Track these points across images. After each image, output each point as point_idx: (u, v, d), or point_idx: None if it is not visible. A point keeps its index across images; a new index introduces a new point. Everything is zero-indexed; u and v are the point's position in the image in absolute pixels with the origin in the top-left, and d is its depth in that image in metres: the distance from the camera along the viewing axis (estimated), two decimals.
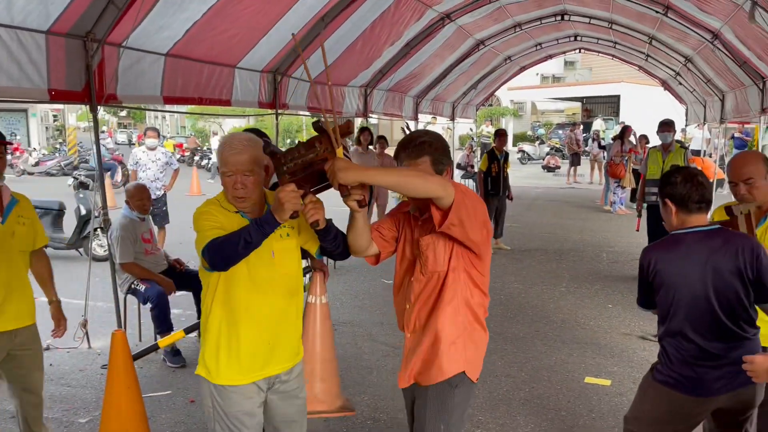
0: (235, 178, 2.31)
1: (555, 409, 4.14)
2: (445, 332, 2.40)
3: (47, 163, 22.52)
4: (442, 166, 2.39)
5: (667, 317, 2.62)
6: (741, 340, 2.53)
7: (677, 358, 2.58)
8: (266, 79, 6.68)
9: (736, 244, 2.52)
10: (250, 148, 2.33)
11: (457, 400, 2.40)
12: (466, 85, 13.82)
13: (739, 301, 2.51)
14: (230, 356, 2.39)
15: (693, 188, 2.55)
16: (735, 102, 9.70)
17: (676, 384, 2.57)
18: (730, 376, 2.50)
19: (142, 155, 8.42)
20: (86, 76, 4.24)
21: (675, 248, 2.61)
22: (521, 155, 26.57)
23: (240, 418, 2.41)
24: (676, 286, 2.58)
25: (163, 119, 50.42)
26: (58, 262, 8.43)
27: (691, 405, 2.57)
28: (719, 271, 2.51)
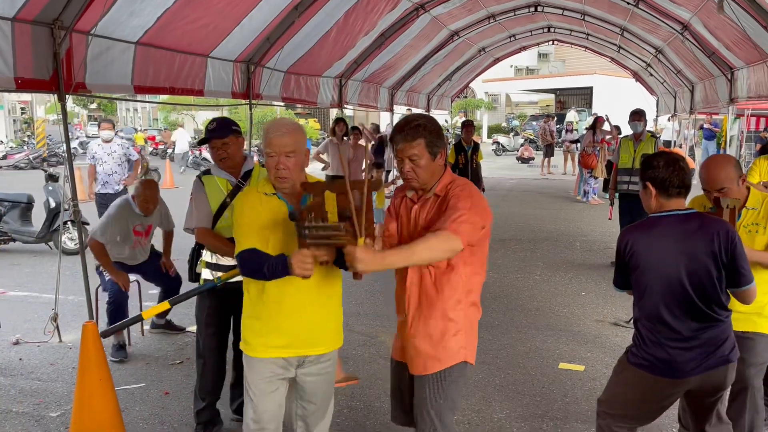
0: (277, 159, 2.43)
1: (530, 394, 4.19)
2: (446, 325, 2.49)
3: (15, 156, 22.07)
4: (437, 148, 2.44)
5: (642, 299, 2.67)
6: (713, 322, 2.58)
7: (651, 340, 2.63)
8: (239, 69, 6.61)
9: (711, 228, 2.56)
10: (294, 132, 2.46)
11: (455, 381, 2.52)
12: (440, 77, 13.85)
13: (711, 283, 2.55)
14: (262, 331, 2.54)
15: (674, 173, 2.59)
16: (704, 92, 9.87)
17: (649, 366, 2.62)
18: (702, 358, 2.56)
19: (98, 148, 7.96)
20: (54, 65, 4.14)
21: (651, 230, 2.65)
22: (496, 147, 26.75)
23: (261, 387, 2.57)
24: (651, 267, 2.62)
25: (135, 112, 49.68)
26: (27, 256, 8.32)
27: (664, 386, 2.63)
28: (694, 254, 2.55)
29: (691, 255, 2.56)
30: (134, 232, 5.08)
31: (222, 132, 3.37)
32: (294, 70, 7.70)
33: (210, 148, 3.43)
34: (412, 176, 2.46)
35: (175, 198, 4.69)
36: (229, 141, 3.36)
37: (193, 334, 5.23)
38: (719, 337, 2.59)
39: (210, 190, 3.39)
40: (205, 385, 3.56)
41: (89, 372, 3.24)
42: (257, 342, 2.57)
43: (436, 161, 2.46)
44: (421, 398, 2.53)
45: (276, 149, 2.43)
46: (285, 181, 2.46)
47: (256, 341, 2.57)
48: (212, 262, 3.42)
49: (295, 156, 2.45)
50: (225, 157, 3.38)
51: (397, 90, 12.03)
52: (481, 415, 3.90)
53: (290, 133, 2.45)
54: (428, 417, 2.51)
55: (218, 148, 3.37)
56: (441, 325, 2.49)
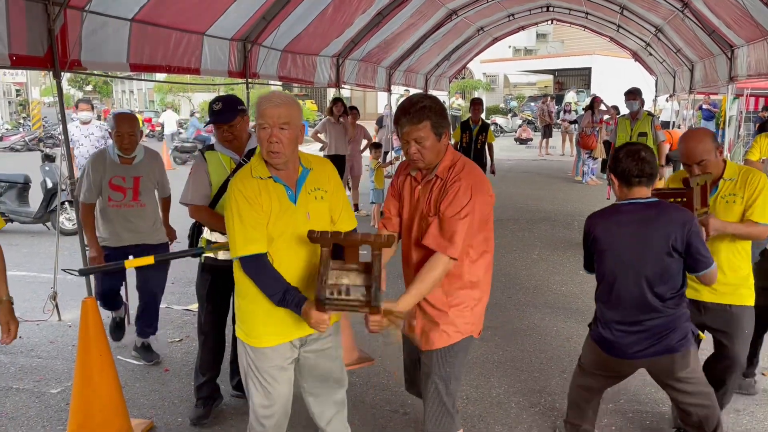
0: (270, 131, 2.31)
1: (528, 370, 4.22)
2: (453, 301, 2.53)
3: (11, 138, 21.98)
4: (441, 129, 2.44)
5: (600, 282, 2.86)
6: (659, 313, 2.70)
7: (602, 321, 2.85)
8: (236, 47, 6.55)
9: (669, 216, 2.67)
10: (288, 104, 2.35)
11: (461, 352, 2.58)
12: (438, 57, 13.76)
13: (664, 272, 2.67)
14: (264, 318, 2.45)
15: (633, 163, 2.69)
16: (704, 71, 9.82)
17: (599, 343, 2.86)
18: (646, 345, 2.71)
19: (75, 130, 7.76)
20: (48, 41, 4.10)
21: (612, 217, 2.79)
22: (494, 128, 26.65)
23: (271, 373, 2.51)
24: (609, 252, 2.77)
25: (131, 93, 49.36)
26: (24, 236, 8.31)
27: (612, 363, 2.86)
28: (650, 243, 2.66)
29: (647, 243, 2.66)
30: (110, 186, 4.15)
31: (229, 116, 3.28)
32: (291, 48, 7.65)
33: (215, 128, 3.35)
34: (417, 157, 2.46)
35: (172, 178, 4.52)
36: (236, 123, 3.30)
37: (191, 313, 5.25)
38: (666, 327, 2.70)
39: (213, 167, 3.34)
40: (206, 361, 3.57)
41: (89, 347, 3.24)
42: (263, 332, 2.48)
43: (441, 141, 2.46)
44: (428, 369, 2.59)
45: (269, 120, 2.30)
46: (277, 156, 2.33)
47: (261, 330, 2.48)
48: (212, 240, 3.40)
49: (289, 129, 2.32)
50: (231, 139, 3.33)
51: (394, 70, 11.95)
52: (480, 391, 3.92)
53: (285, 104, 2.33)
54: (433, 385, 2.56)
55: (224, 130, 3.30)
56: (448, 301, 2.52)
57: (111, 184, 4.16)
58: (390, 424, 3.53)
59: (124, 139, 4.13)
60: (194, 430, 3.50)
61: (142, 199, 4.24)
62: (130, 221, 4.22)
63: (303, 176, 2.45)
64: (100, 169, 4.15)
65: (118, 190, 4.18)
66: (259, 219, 2.35)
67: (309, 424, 3.49)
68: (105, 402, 3.26)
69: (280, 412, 2.61)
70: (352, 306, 2.20)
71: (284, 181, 2.42)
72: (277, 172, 2.42)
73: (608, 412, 3.57)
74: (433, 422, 2.58)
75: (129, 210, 4.21)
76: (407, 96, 2.58)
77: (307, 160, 2.51)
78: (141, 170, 4.24)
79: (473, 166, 2.52)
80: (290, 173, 2.43)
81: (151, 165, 4.33)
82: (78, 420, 3.26)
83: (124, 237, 4.22)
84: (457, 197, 2.39)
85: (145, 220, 4.28)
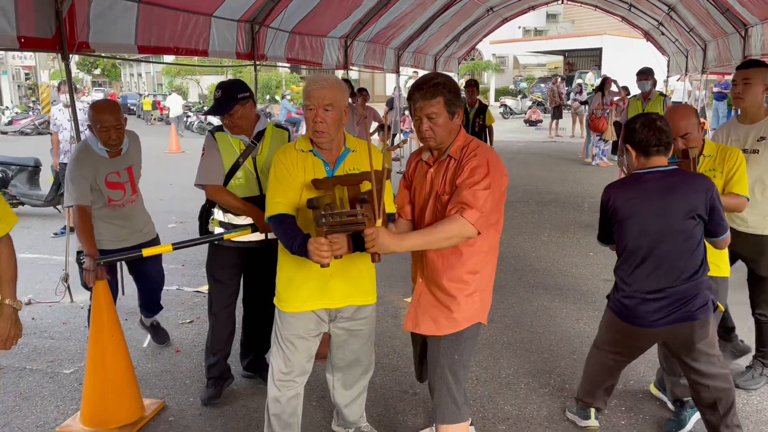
0: (315, 112, 2.42)
1: (537, 351, 4.22)
2: (462, 287, 2.48)
3: (21, 122, 22.04)
4: (455, 107, 2.41)
5: (622, 251, 2.85)
6: (682, 281, 2.71)
7: (623, 289, 2.85)
8: (243, 28, 6.52)
9: (692, 183, 2.70)
10: (334, 86, 2.45)
11: (469, 340, 2.54)
12: (447, 37, 13.64)
13: (688, 239, 2.69)
14: (292, 285, 2.61)
15: (651, 133, 2.71)
16: (717, 51, 9.68)
17: (620, 312, 2.87)
18: (667, 313, 2.72)
19: (59, 114, 7.50)
20: (56, 23, 4.10)
21: (634, 186, 2.79)
22: (503, 109, 26.49)
23: (292, 341, 2.66)
24: (632, 221, 2.77)
25: (139, 77, 49.35)
26: (36, 219, 8.37)
27: (631, 332, 2.86)
28: (675, 209, 2.68)
29: (672, 210, 2.68)
30: (107, 184, 3.68)
31: (227, 106, 3.23)
32: (298, 30, 7.60)
33: None
34: (429, 135, 2.42)
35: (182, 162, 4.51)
36: (234, 112, 3.24)
37: (202, 294, 5.29)
38: (686, 294, 2.71)
39: (223, 147, 3.33)
40: (217, 340, 3.59)
41: (101, 328, 3.27)
42: (290, 296, 2.62)
43: (454, 120, 2.43)
44: (436, 357, 2.54)
45: (315, 102, 2.41)
46: (322, 135, 2.45)
47: (289, 295, 2.63)
48: (224, 221, 3.41)
49: (334, 110, 2.43)
50: (232, 126, 3.30)
51: (403, 51, 11.86)
52: (489, 372, 3.93)
53: (330, 86, 2.43)
54: (442, 374, 2.53)
55: (225, 118, 3.28)
56: (456, 287, 2.47)
57: (108, 183, 3.68)
58: (399, 405, 3.55)
59: (111, 134, 3.55)
60: (205, 409, 3.53)
61: (137, 190, 3.91)
62: (133, 217, 3.87)
63: (343, 155, 2.58)
64: (89, 168, 3.62)
65: (117, 188, 3.73)
66: (293, 185, 2.49)
67: (320, 405, 3.53)
68: (117, 382, 3.30)
69: (297, 383, 2.74)
70: (349, 223, 2.20)
71: (324, 157, 2.55)
72: (319, 149, 2.54)
73: (617, 394, 3.57)
74: (441, 412, 2.55)
75: (132, 206, 3.85)
76: (421, 75, 2.56)
77: (353, 143, 2.63)
78: (130, 158, 3.82)
79: (487, 146, 2.50)
80: (332, 152, 2.56)
81: (136, 147, 3.90)
82: (90, 400, 3.30)
83: (128, 239, 3.84)
84: (475, 172, 2.35)
85: (144, 214, 3.99)
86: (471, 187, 2.33)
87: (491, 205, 2.35)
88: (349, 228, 2.23)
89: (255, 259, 3.47)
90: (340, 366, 2.91)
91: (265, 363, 3.82)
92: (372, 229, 2.17)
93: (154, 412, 3.48)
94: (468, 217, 2.29)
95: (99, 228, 3.71)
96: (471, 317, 2.50)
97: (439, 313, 2.50)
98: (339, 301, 2.63)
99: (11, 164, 8.61)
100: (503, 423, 3.36)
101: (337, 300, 2.64)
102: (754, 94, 3.48)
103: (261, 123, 3.40)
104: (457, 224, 2.30)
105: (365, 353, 2.89)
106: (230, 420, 3.43)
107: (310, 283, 2.56)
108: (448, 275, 2.46)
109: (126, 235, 3.85)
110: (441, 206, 2.44)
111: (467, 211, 2.29)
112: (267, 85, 31.25)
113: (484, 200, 2.32)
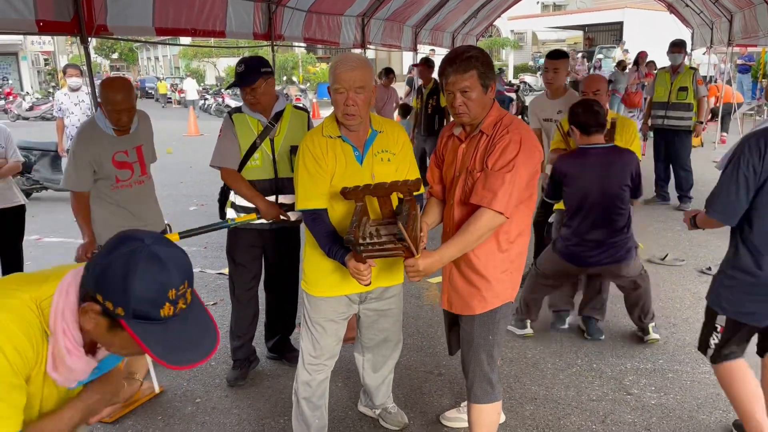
0: (346, 95, 2.37)
1: (562, 331, 4.17)
2: (494, 265, 2.43)
3: (42, 107, 22.26)
4: (488, 80, 2.34)
5: (571, 209, 3.64)
6: (616, 233, 3.57)
7: (568, 239, 3.67)
8: (260, 8, 6.45)
9: (626, 157, 3.59)
10: (363, 66, 2.39)
11: (502, 319, 2.52)
12: (465, 14, 13.41)
13: (622, 199, 3.55)
14: (320, 270, 2.60)
15: (590, 116, 3.52)
16: (743, 22, 9.42)
17: (565, 255, 3.71)
18: (603, 257, 3.60)
19: (64, 98, 7.47)
20: (74, 7, 4.08)
21: (581, 159, 3.61)
22: (522, 86, 26.16)
23: (322, 324, 2.67)
24: (578, 187, 3.58)
25: (156, 60, 49.50)
26: (60, 203, 8.44)
27: (570, 268, 3.76)
28: (612, 177, 3.52)
29: (610, 178, 3.51)
30: (115, 163, 3.39)
31: (250, 78, 3.20)
32: (315, 8, 7.51)
33: (241, 91, 3.29)
34: (463, 110, 2.35)
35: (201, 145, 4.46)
36: (258, 86, 3.21)
37: (224, 276, 5.30)
38: (617, 243, 3.58)
39: (240, 129, 3.30)
40: (241, 324, 3.60)
41: None
42: (320, 281, 2.62)
43: (488, 94, 2.36)
44: (470, 337, 2.52)
45: (345, 84, 2.35)
46: (353, 118, 2.41)
47: (319, 281, 2.62)
48: (236, 203, 3.40)
49: (364, 92, 2.38)
50: (255, 102, 3.26)
51: (420, 29, 11.70)
52: (515, 351, 3.90)
53: (360, 67, 2.36)
54: (476, 354, 2.51)
55: (247, 93, 3.24)
56: (488, 267, 2.43)
57: (115, 162, 3.40)
58: (425, 385, 3.54)
59: (122, 116, 3.31)
60: (231, 391, 3.55)
61: (147, 171, 3.64)
62: (142, 202, 3.57)
63: (371, 138, 2.53)
64: (93, 147, 3.35)
65: (124, 167, 3.44)
66: (324, 176, 2.46)
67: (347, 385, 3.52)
68: None
69: (327, 366, 2.75)
70: (387, 251, 2.20)
71: (353, 142, 2.50)
72: (347, 133, 2.49)
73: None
74: (475, 392, 2.54)
75: (140, 188, 3.55)
76: (452, 49, 2.49)
77: (378, 123, 2.57)
78: (141, 137, 3.55)
79: (521, 122, 2.42)
80: (360, 135, 2.51)
81: (146, 127, 3.63)
82: None
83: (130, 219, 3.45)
84: (505, 151, 2.28)
85: (152, 202, 3.68)
86: (499, 170, 2.28)
87: (521, 187, 2.31)
88: (388, 255, 2.24)
89: (275, 240, 3.47)
90: (369, 345, 2.91)
91: (289, 344, 3.83)
92: (412, 261, 2.23)
93: (148, 397, 3.46)
94: (495, 207, 2.27)
95: (102, 220, 3.46)
96: (503, 296, 2.46)
97: (471, 293, 2.47)
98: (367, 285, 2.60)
99: (33, 149, 8.67)
100: (530, 403, 3.33)
101: None
102: (561, 78, 4.52)
103: (280, 103, 3.36)
104: (485, 218, 2.29)
105: (394, 331, 2.89)
106: (256, 401, 3.44)
107: (339, 271, 2.54)
108: (478, 254, 2.41)
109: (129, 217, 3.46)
110: (472, 182, 2.38)
111: (494, 202, 2.27)
112: (284, 66, 31.16)
113: (512, 185, 2.28)
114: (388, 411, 3.13)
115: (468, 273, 2.47)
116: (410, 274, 2.28)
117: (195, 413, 3.35)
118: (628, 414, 3.21)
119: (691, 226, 2.82)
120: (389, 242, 2.18)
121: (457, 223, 2.44)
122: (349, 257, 2.32)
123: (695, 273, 5.22)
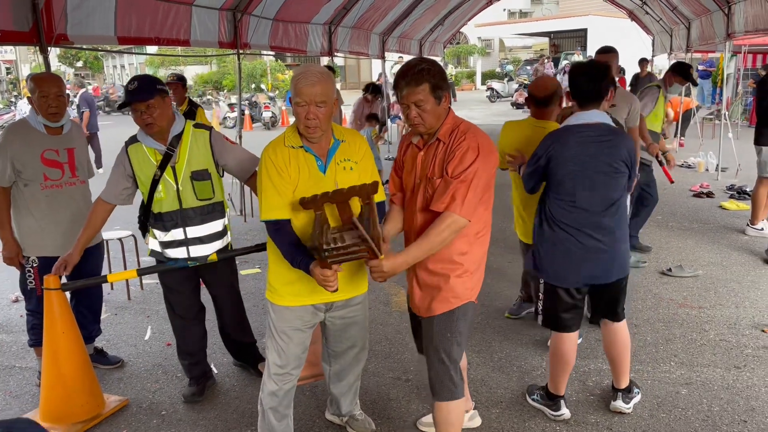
0: (307, 108, 2.39)
1: (529, 334, 4.23)
2: (452, 267, 2.49)
3: (4, 117, 21.77)
4: (441, 91, 2.41)
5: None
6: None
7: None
8: (225, 17, 6.45)
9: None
10: (324, 80, 2.39)
11: (462, 317, 2.56)
12: (432, 22, 13.57)
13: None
14: (285, 280, 2.61)
15: None
16: (700, 29, 9.70)
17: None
18: None
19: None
20: (33, 16, 4.03)
21: None
22: (490, 93, 26.45)
23: (288, 333, 2.66)
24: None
25: (122, 69, 48.76)
26: None
27: None
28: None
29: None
30: (43, 161, 3.41)
31: (145, 94, 2.97)
32: (281, 17, 7.53)
33: (132, 111, 3.01)
34: (418, 122, 2.43)
35: None
36: (154, 103, 2.98)
37: None
38: None
39: (138, 162, 3.11)
40: (190, 342, 3.53)
41: (53, 325, 3.18)
42: (285, 290, 2.62)
43: (441, 105, 2.43)
44: (430, 337, 2.58)
45: (306, 98, 2.37)
46: (315, 131, 2.43)
47: (284, 289, 2.62)
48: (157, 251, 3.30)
49: (326, 106, 2.41)
50: (151, 123, 3.00)
51: (387, 36, 11.79)
52: (482, 355, 3.95)
53: (321, 82, 2.37)
54: (436, 353, 2.56)
55: (142, 112, 2.98)
56: (447, 268, 2.49)
57: (44, 159, 3.41)
58: (392, 391, 3.56)
59: (51, 101, 3.35)
60: (197, 403, 3.52)
61: (80, 176, 3.61)
62: (75, 201, 3.56)
63: (334, 147, 2.54)
64: (22, 142, 3.37)
65: (54, 166, 3.44)
66: (287, 187, 2.47)
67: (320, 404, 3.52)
68: (69, 379, 3.24)
69: (293, 375, 2.75)
70: (352, 253, 2.23)
71: (315, 152, 2.51)
72: (309, 143, 2.50)
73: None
74: (437, 390, 2.59)
75: (73, 189, 3.54)
76: (406, 61, 2.54)
77: (340, 133, 2.60)
78: (73, 141, 3.57)
79: (477, 128, 2.49)
80: (323, 145, 2.53)
81: (80, 136, 3.68)
82: (44, 397, 3.27)
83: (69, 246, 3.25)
84: (464, 158, 2.37)
85: (87, 202, 3.57)
86: (460, 175, 2.36)
87: (481, 190, 2.39)
88: (353, 258, 2.26)
89: (208, 268, 3.37)
90: (337, 352, 2.92)
91: (257, 353, 3.81)
92: (377, 262, 2.28)
93: (114, 409, 3.43)
94: (456, 210, 2.36)
95: (27, 228, 3.47)
96: (463, 297, 2.52)
97: (431, 294, 2.53)
98: (332, 295, 2.59)
99: None
100: (496, 407, 3.38)
101: (330, 294, 2.59)
102: None
103: (178, 125, 3.14)
104: (448, 221, 2.37)
105: (360, 338, 2.91)
106: (222, 412, 3.42)
107: (304, 280, 2.53)
108: (437, 257, 2.47)
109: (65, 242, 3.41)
110: (432, 189, 2.45)
111: (456, 207, 2.35)
112: (252, 74, 30.98)
113: (473, 190, 2.36)
114: (356, 418, 3.14)
115: (428, 276, 2.53)
116: (375, 275, 2.33)
117: (161, 426, 3.32)
118: (591, 415, 3.27)
119: None
120: (353, 245, 2.22)
121: (419, 230, 2.50)
122: (314, 265, 2.34)
123: (656, 274, 5.34)
